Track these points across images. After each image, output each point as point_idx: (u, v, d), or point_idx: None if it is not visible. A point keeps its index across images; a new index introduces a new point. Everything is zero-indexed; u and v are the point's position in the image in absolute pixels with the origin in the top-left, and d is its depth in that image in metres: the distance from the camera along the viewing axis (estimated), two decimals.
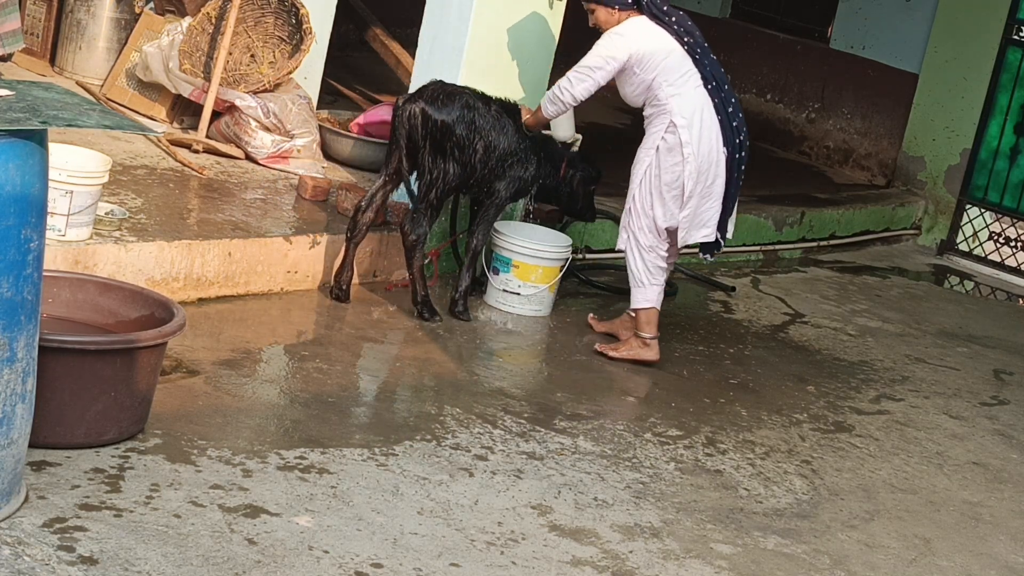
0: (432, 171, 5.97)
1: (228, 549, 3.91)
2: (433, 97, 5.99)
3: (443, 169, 5.97)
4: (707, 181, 5.99)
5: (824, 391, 6.33)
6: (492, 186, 6.18)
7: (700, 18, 11.08)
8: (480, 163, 6.06)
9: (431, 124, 5.94)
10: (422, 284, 6.11)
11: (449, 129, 5.95)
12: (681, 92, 5.92)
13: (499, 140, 6.09)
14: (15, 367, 3.73)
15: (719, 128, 5.97)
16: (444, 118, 5.95)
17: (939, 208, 9.75)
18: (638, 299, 6.12)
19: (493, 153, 6.08)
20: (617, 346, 6.16)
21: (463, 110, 5.99)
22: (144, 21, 7.42)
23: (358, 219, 6.05)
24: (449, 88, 6.09)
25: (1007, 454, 6.01)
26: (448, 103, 5.98)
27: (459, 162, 5.99)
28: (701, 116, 5.93)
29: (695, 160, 5.91)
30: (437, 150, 5.96)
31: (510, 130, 6.13)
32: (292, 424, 4.84)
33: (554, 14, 6.68)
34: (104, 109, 3.97)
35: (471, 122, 6.00)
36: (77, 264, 5.24)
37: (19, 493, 3.88)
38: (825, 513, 5.04)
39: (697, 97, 5.94)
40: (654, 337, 6.13)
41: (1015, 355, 7.50)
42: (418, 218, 6.01)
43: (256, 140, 6.94)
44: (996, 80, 9.46)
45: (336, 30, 7.74)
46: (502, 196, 6.23)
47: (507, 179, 6.18)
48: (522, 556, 4.25)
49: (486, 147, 6.05)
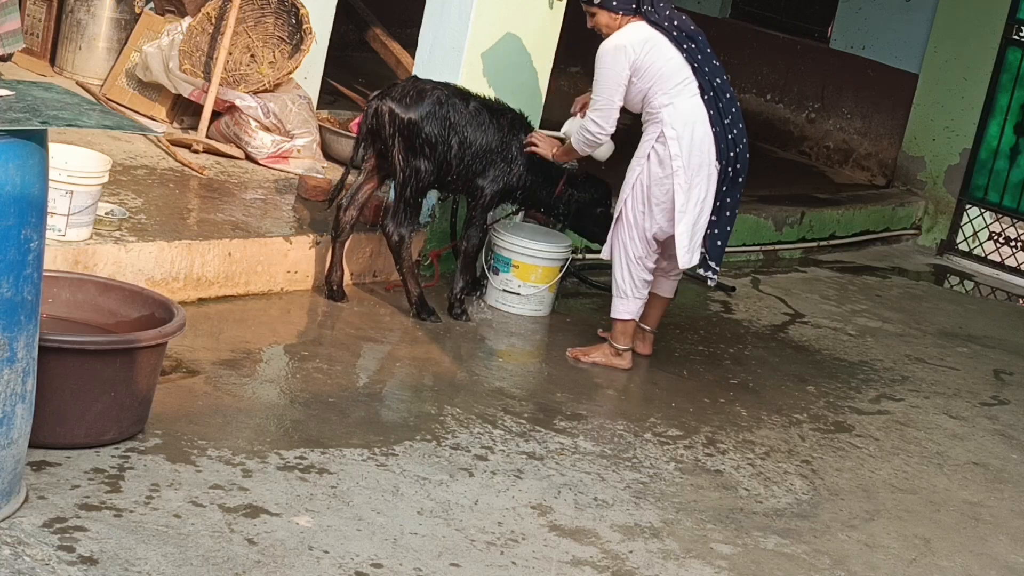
0: (405, 170, 5.97)
1: (228, 549, 3.91)
2: (402, 95, 5.98)
3: (415, 167, 5.96)
4: (700, 196, 5.89)
5: (824, 391, 6.33)
6: (474, 183, 6.15)
7: (700, 18, 11.09)
8: (456, 159, 6.04)
9: (399, 122, 5.93)
10: (414, 283, 6.10)
11: (417, 127, 5.93)
12: (675, 102, 5.81)
13: (476, 136, 6.05)
14: (15, 367, 3.73)
15: (713, 140, 5.86)
16: (411, 116, 5.93)
17: (939, 208, 9.75)
18: (619, 309, 6.04)
19: (468, 149, 6.04)
20: (589, 351, 6.14)
21: (433, 106, 5.96)
22: (144, 21, 7.42)
23: (340, 217, 6.05)
24: (421, 85, 6.06)
25: (1007, 454, 6.01)
26: (417, 101, 5.96)
27: (431, 159, 5.97)
28: (693, 128, 5.81)
29: (684, 173, 5.81)
30: (408, 148, 5.95)
31: (490, 127, 6.08)
32: (292, 424, 4.84)
33: (554, 14, 6.68)
34: (104, 109, 3.97)
35: (444, 118, 5.97)
36: (77, 264, 5.24)
37: (19, 493, 3.88)
38: (825, 513, 5.04)
39: (691, 108, 5.82)
40: (627, 349, 6.10)
41: (1015, 355, 7.50)
42: (398, 217, 6.01)
43: (256, 140, 6.95)
44: (996, 80, 9.46)
45: (336, 30, 7.74)
46: (486, 195, 6.16)
47: (489, 177, 6.13)
48: (522, 556, 4.25)
49: (461, 143, 6.02)
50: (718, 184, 5.92)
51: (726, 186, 5.94)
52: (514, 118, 6.21)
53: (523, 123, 6.24)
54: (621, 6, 5.83)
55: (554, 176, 6.31)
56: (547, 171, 6.28)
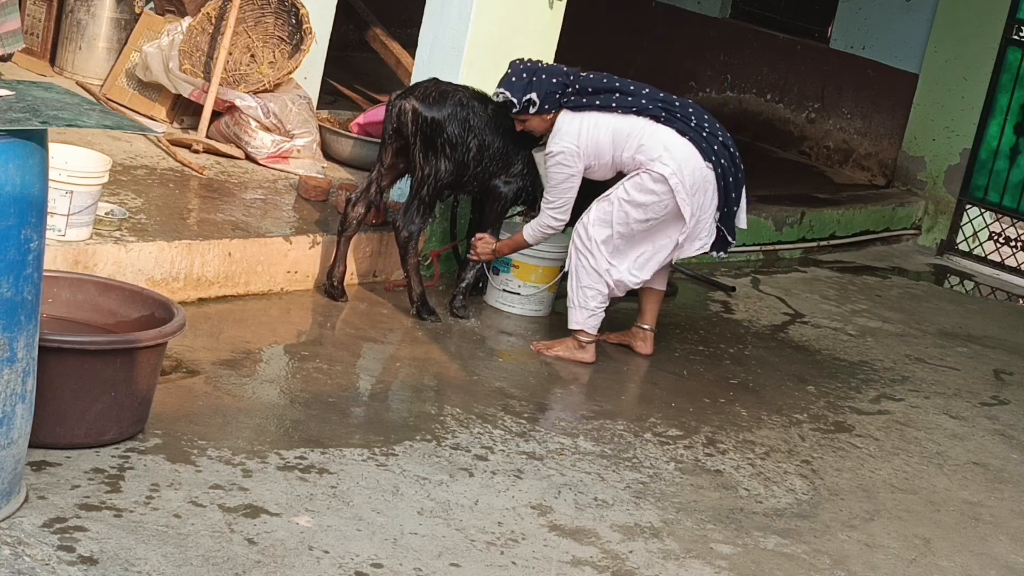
0: (424, 168, 5.99)
1: (228, 549, 3.91)
2: (425, 94, 6.01)
3: (435, 166, 5.99)
4: (701, 200, 5.94)
5: (824, 391, 6.34)
6: (490, 184, 6.18)
7: (700, 18, 11.18)
8: (474, 161, 6.08)
9: (422, 121, 5.95)
10: (417, 282, 6.12)
11: (440, 126, 5.96)
12: (639, 144, 5.88)
13: (494, 140, 6.10)
14: (15, 367, 3.73)
15: (692, 147, 5.89)
16: (435, 115, 5.96)
17: (939, 208, 9.75)
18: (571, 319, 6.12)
19: (486, 151, 6.09)
20: (552, 344, 6.14)
21: (456, 108, 5.99)
22: (144, 21, 7.42)
23: (348, 213, 6.07)
24: (444, 86, 6.10)
25: (1007, 454, 6.01)
26: (440, 101, 5.99)
27: (451, 160, 6.00)
28: (666, 147, 5.86)
29: (684, 189, 5.86)
30: (428, 147, 5.97)
31: (507, 132, 6.13)
32: (292, 424, 4.84)
33: (554, 14, 6.68)
34: (104, 109, 3.97)
35: (464, 120, 6.00)
36: (77, 264, 5.24)
37: (19, 493, 3.88)
38: (825, 513, 5.04)
39: (655, 136, 5.88)
40: (591, 341, 6.08)
41: (1015, 355, 7.51)
42: (410, 215, 6.03)
43: (256, 140, 6.94)
44: (996, 80, 9.46)
45: (336, 30, 7.74)
46: (505, 197, 6.22)
47: (505, 177, 6.18)
48: (522, 556, 4.25)
49: (480, 146, 6.06)
50: (720, 179, 5.97)
51: (726, 179, 5.99)
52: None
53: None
54: (550, 105, 5.94)
55: None
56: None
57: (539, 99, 5.91)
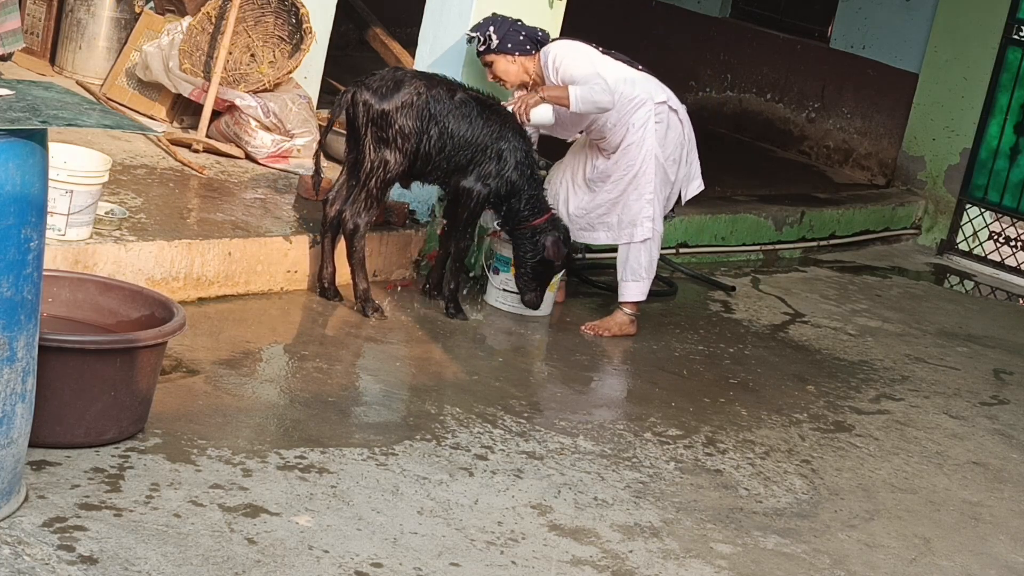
0: (373, 160, 5.93)
1: (228, 549, 3.91)
2: (378, 85, 5.94)
3: (383, 158, 5.90)
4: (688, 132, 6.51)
5: (824, 391, 6.34)
6: (460, 184, 6.06)
7: (700, 18, 11.17)
8: (435, 149, 5.97)
9: (372, 113, 5.89)
10: (363, 277, 5.99)
11: (389, 117, 5.88)
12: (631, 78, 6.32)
13: (458, 127, 5.97)
14: (15, 367, 3.73)
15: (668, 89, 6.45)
16: (384, 107, 5.89)
17: (939, 208, 9.75)
18: (635, 293, 6.41)
19: (450, 140, 5.97)
20: (605, 325, 6.40)
21: (410, 97, 5.91)
22: (144, 21, 7.42)
23: (327, 212, 6.02)
24: (400, 75, 6.03)
25: (1007, 454, 6.01)
26: (393, 91, 5.91)
27: (403, 151, 5.92)
28: (659, 86, 6.38)
29: (681, 110, 6.42)
30: (378, 139, 5.90)
31: (476, 121, 6.01)
32: (292, 424, 4.84)
33: (554, 14, 6.68)
34: (104, 109, 3.97)
35: (422, 108, 5.91)
36: (77, 264, 5.24)
37: (19, 492, 3.88)
38: (825, 513, 5.04)
39: (646, 78, 6.39)
40: (637, 313, 6.49)
41: (1015, 355, 7.51)
42: (357, 207, 5.95)
43: (256, 140, 6.95)
44: (996, 80, 9.46)
45: (336, 30, 7.74)
46: (475, 197, 6.07)
47: (476, 176, 6.05)
48: (522, 556, 4.25)
49: (441, 133, 5.95)
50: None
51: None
52: (508, 118, 6.11)
53: (517, 126, 6.13)
54: (513, 46, 6.15)
55: (542, 204, 6.22)
56: (536, 191, 6.20)
57: (498, 36, 6.12)
